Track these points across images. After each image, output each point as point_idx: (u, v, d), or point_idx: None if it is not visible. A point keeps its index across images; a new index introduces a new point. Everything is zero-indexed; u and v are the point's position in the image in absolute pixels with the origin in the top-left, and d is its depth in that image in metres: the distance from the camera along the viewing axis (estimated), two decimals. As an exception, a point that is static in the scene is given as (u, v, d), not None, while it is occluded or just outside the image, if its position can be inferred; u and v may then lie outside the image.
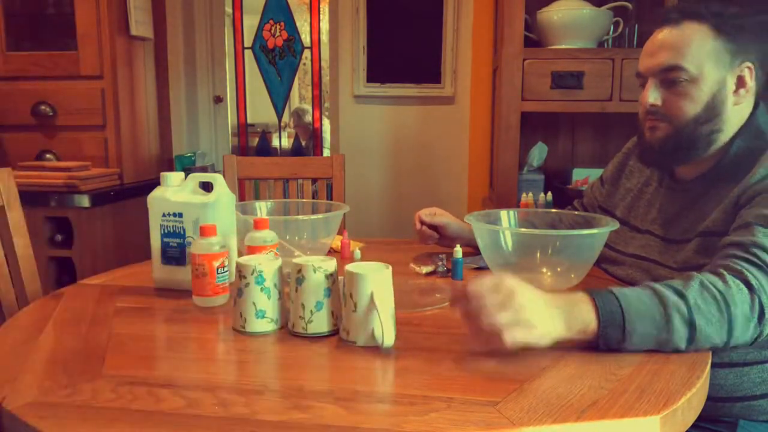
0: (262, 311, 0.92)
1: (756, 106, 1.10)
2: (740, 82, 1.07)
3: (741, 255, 0.92)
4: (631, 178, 1.31)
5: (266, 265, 0.92)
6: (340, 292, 0.91)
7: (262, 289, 0.92)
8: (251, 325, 0.92)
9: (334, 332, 0.91)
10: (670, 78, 1.07)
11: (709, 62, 1.05)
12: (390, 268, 0.89)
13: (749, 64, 1.07)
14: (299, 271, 0.90)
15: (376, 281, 0.87)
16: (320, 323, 0.90)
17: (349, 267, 0.89)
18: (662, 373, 0.78)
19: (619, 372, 0.79)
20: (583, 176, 2.25)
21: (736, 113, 1.09)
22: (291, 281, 0.92)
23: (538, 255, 1.13)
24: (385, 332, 0.83)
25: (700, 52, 1.05)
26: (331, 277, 0.91)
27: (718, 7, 1.07)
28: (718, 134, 1.08)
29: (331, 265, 0.91)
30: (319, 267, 0.89)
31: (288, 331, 0.93)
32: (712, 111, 1.07)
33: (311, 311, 0.90)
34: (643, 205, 1.24)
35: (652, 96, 1.09)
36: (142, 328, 0.97)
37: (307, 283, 0.89)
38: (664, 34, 1.09)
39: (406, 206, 2.73)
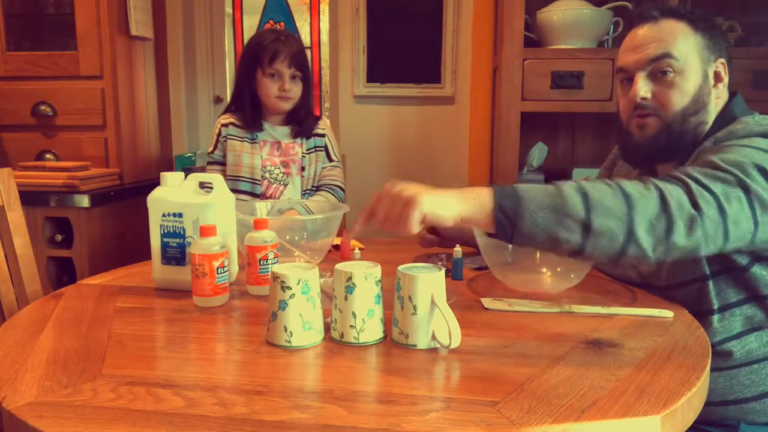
0: (309, 323, 0.87)
1: (732, 97, 1.13)
2: (717, 77, 1.11)
3: (662, 178, 0.93)
4: (618, 176, 1.32)
5: (311, 274, 0.87)
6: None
7: (308, 299, 0.87)
8: (298, 339, 0.87)
9: (383, 338, 0.90)
10: (660, 68, 1.09)
11: (693, 54, 1.09)
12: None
13: (722, 60, 1.11)
14: (349, 279, 0.86)
15: (435, 282, 0.86)
16: (372, 331, 0.88)
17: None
18: (662, 373, 0.78)
19: (619, 372, 0.79)
20: (583, 176, 2.24)
21: (715, 105, 1.11)
22: (338, 289, 0.88)
23: (538, 255, 1.13)
24: (453, 333, 0.83)
25: (685, 44, 1.08)
26: (380, 283, 0.89)
27: (688, 7, 1.14)
28: (704, 126, 1.10)
29: (378, 271, 0.88)
30: (369, 274, 0.87)
31: (335, 341, 0.89)
32: (699, 103, 1.09)
33: (363, 319, 0.87)
34: None
35: (643, 89, 1.10)
36: (142, 328, 0.97)
37: (359, 290, 0.86)
38: (645, 30, 1.12)
39: (406, 206, 2.72)
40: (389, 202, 0.87)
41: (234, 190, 1.80)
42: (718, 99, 1.11)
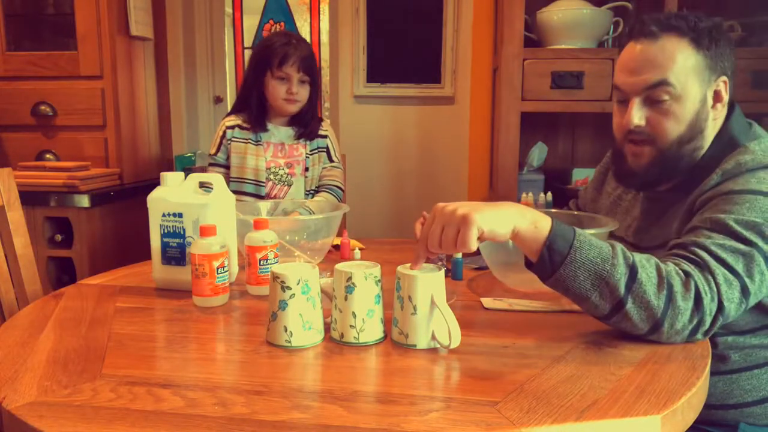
0: (309, 323, 0.87)
1: (730, 113, 1.09)
2: (717, 97, 1.06)
3: (680, 253, 0.92)
4: (611, 182, 1.31)
5: (310, 273, 0.87)
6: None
7: (308, 299, 0.87)
8: (298, 339, 0.87)
9: (383, 338, 0.90)
10: (655, 95, 1.04)
11: (691, 79, 1.03)
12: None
13: (725, 78, 1.05)
14: (349, 279, 0.86)
15: (435, 282, 0.86)
16: (372, 331, 0.88)
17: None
18: (662, 373, 0.78)
19: (619, 372, 0.79)
20: (583, 176, 2.24)
21: (712, 127, 1.08)
22: (338, 289, 0.88)
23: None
24: (453, 333, 0.83)
25: (684, 68, 1.02)
26: (380, 283, 0.89)
27: (693, 19, 1.04)
28: (699, 151, 1.07)
29: (377, 270, 0.88)
30: (369, 274, 0.87)
31: (335, 341, 0.89)
32: (695, 129, 1.05)
33: (363, 319, 0.87)
34: (620, 212, 1.25)
35: (637, 116, 1.06)
36: (142, 328, 0.97)
37: (359, 290, 0.86)
38: (643, 49, 1.04)
39: (406, 206, 2.73)
40: (443, 224, 0.86)
41: (239, 192, 1.81)
42: (715, 120, 1.07)
